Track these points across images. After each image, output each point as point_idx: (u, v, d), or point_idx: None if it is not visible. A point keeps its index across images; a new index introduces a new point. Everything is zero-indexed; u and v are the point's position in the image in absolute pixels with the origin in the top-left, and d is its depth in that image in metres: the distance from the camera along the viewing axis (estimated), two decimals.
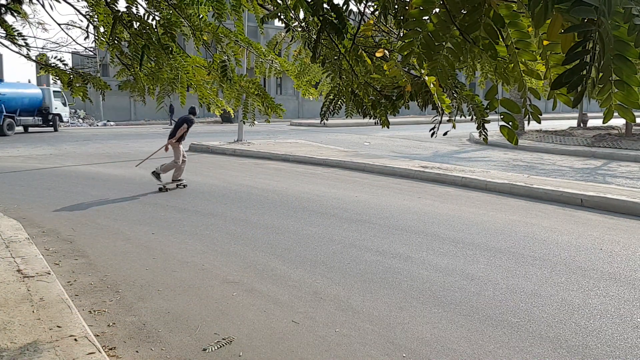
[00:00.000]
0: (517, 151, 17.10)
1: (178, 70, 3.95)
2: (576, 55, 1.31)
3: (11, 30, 4.54)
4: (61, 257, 5.72)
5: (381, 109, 2.94)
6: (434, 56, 1.61)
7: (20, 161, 14.00)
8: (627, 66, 1.33)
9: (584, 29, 1.30)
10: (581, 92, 1.33)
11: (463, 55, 1.62)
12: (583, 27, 1.30)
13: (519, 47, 1.66)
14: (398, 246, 6.14)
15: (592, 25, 1.28)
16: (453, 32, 1.57)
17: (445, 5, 1.48)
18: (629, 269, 5.37)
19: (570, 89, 1.31)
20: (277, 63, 4.08)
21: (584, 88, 1.31)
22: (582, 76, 1.30)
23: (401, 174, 11.84)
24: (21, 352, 3.27)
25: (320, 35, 2.62)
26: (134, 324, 4.08)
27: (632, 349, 3.71)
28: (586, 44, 1.30)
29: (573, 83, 1.31)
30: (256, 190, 9.83)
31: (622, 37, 1.32)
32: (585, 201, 8.55)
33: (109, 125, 33.68)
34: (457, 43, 1.56)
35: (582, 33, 1.31)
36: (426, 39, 1.59)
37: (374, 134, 23.72)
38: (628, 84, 1.33)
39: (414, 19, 1.59)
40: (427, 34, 1.58)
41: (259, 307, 4.41)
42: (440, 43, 1.59)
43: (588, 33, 1.29)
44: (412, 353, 3.65)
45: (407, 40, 1.64)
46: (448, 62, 1.62)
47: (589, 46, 1.28)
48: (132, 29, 3.63)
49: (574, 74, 1.29)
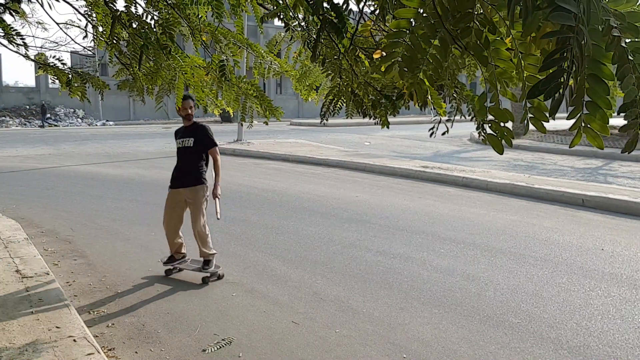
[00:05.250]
0: (518, 151, 17.07)
1: (176, 70, 3.93)
2: (553, 62, 1.28)
3: (9, 30, 4.52)
4: (60, 257, 5.71)
5: (381, 109, 2.92)
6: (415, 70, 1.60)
7: (18, 161, 13.98)
8: (600, 87, 1.30)
9: (563, 35, 1.28)
10: (558, 101, 1.30)
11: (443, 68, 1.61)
12: (562, 34, 1.28)
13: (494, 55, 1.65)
14: (398, 246, 6.13)
15: (571, 32, 1.26)
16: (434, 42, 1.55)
17: (437, 11, 1.47)
18: (631, 270, 5.36)
19: (546, 96, 1.29)
20: (277, 64, 4.06)
21: (561, 96, 1.28)
22: (560, 83, 1.28)
23: (402, 174, 11.82)
24: (20, 353, 3.25)
25: (320, 34, 2.61)
26: (133, 324, 4.07)
27: (633, 349, 3.70)
28: (564, 52, 1.28)
29: (550, 90, 1.29)
30: (256, 190, 9.81)
31: (596, 57, 1.29)
32: (587, 201, 8.54)
33: (107, 125, 33.67)
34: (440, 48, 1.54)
35: (561, 40, 1.28)
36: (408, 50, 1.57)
37: (375, 134, 23.70)
38: (599, 107, 1.31)
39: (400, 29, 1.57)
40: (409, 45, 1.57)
41: (259, 308, 4.39)
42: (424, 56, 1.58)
43: (566, 40, 1.27)
44: (412, 354, 3.63)
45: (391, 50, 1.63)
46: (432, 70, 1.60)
47: (567, 54, 1.26)
48: (131, 29, 3.61)
49: (550, 81, 1.26)
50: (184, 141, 5.04)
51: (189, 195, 5.03)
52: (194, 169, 5.02)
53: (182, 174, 5.05)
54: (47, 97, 34.61)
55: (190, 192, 5.04)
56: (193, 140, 5.00)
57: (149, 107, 26.73)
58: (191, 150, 5.01)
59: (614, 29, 1.28)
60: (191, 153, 5.02)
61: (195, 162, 5.03)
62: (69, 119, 34.09)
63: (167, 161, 14.68)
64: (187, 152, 5.02)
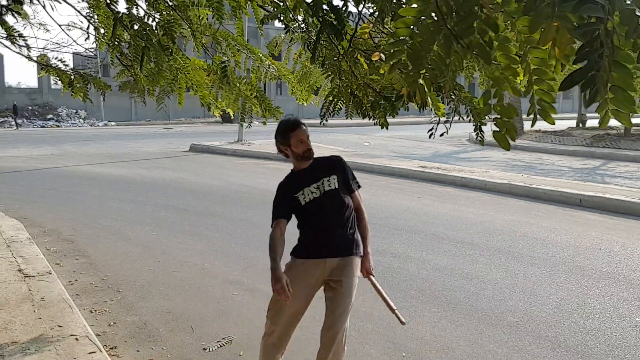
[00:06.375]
0: (516, 151, 17.10)
1: (177, 71, 3.96)
2: (586, 54, 1.33)
3: (12, 31, 4.56)
4: (62, 256, 5.74)
5: (380, 110, 2.95)
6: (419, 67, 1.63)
7: (21, 161, 14.02)
8: (623, 72, 1.34)
9: (592, 28, 1.32)
10: (595, 91, 1.34)
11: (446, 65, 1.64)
12: (590, 27, 1.32)
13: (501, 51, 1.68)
14: (397, 246, 6.16)
15: (601, 23, 1.29)
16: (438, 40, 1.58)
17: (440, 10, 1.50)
18: (628, 269, 5.39)
19: (583, 87, 1.33)
20: (274, 68, 4.10)
21: (596, 87, 1.33)
22: (594, 75, 1.32)
23: (401, 174, 11.86)
24: (22, 352, 3.29)
25: (319, 36, 2.65)
26: (135, 323, 4.10)
27: (630, 348, 3.73)
28: (593, 44, 1.32)
29: (586, 82, 1.33)
30: (256, 190, 9.85)
31: (617, 44, 1.33)
32: (584, 201, 8.57)
33: (109, 125, 33.71)
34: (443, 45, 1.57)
35: (589, 32, 1.32)
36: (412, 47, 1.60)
37: (374, 134, 23.72)
38: (624, 89, 1.35)
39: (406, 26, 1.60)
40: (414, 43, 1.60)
41: (259, 307, 4.42)
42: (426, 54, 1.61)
43: (595, 32, 1.31)
44: (411, 352, 3.67)
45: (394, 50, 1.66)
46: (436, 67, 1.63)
47: (597, 45, 1.30)
48: (132, 30, 3.65)
49: (585, 73, 1.30)
50: (319, 186, 3.02)
51: (336, 272, 3.00)
52: (347, 227, 3.03)
53: (329, 237, 3.02)
54: (49, 97, 34.69)
55: (342, 265, 3.00)
56: (336, 179, 3.06)
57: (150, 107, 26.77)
58: (336, 195, 3.02)
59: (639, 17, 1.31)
60: (337, 200, 3.02)
61: (346, 216, 3.03)
62: (71, 120, 34.15)
63: (169, 161, 14.74)
64: (330, 200, 3.01)
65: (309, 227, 3.10)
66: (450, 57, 1.64)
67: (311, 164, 3.09)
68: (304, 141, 2.98)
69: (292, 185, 3.09)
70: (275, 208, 3.06)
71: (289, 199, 3.05)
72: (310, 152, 3.04)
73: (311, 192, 3.03)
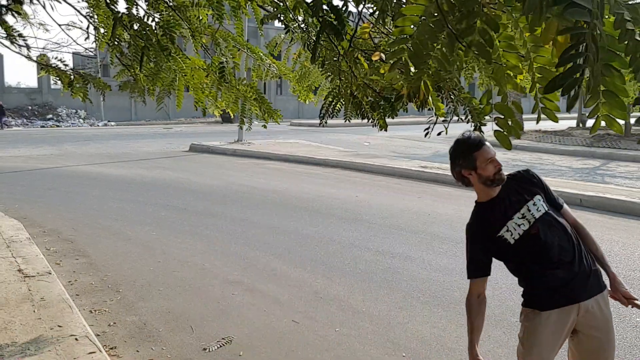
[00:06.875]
0: (516, 151, 17.09)
1: (176, 72, 3.96)
2: (570, 57, 1.32)
3: (11, 31, 4.56)
4: (62, 256, 5.74)
5: (380, 110, 2.95)
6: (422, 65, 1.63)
7: (21, 161, 14.02)
8: (615, 76, 1.34)
9: (577, 32, 1.31)
10: (575, 95, 1.34)
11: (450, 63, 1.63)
12: (576, 30, 1.32)
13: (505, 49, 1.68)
14: (398, 246, 6.16)
15: (586, 28, 1.29)
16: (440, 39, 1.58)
17: (440, 10, 1.50)
18: (628, 269, 5.39)
19: (564, 92, 1.33)
20: (275, 67, 4.10)
21: (578, 91, 1.32)
22: (576, 79, 1.31)
23: (401, 174, 11.86)
24: (22, 352, 3.29)
25: (319, 36, 2.64)
26: (135, 323, 4.10)
27: (631, 348, 3.73)
28: (579, 47, 1.32)
29: (567, 85, 1.32)
30: (256, 190, 9.85)
31: (610, 47, 1.33)
32: (585, 201, 8.57)
33: (109, 125, 33.72)
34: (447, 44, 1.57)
35: (575, 36, 1.32)
36: (415, 47, 1.60)
37: (374, 134, 23.72)
38: (616, 94, 1.34)
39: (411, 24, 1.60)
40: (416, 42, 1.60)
41: (259, 307, 4.43)
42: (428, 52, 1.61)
43: (581, 36, 1.30)
44: (411, 352, 3.67)
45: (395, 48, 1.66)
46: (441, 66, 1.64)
47: (582, 49, 1.30)
48: (132, 30, 3.65)
49: (567, 77, 1.30)
50: (524, 215, 2.34)
51: (591, 316, 2.36)
52: (582, 256, 2.37)
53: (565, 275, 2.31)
54: (49, 97, 34.67)
55: (595, 307, 2.37)
56: (541, 199, 2.39)
57: (150, 107, 26.74)
58: (552, 220, 2.35)
59: (628, 22, 1.31)
60: (556, 226, 2.34)
61: (573, 241, 2.35)
62: (71, 120, 34.16)
63: (169, 161, 14.74)
64: (548, 228, 2.32)
65: (534, 271, 2.36)
66: (454, 56, 1.64)
67: (507, 185, 2.46)
68: (494, 160, 2.38)
69: (486, 223, 2.44)
70: (470, 263, 2.40)
71: (488, 244, 2.38)
72: (502, 173, 2.42)
73: (517, 225, 2.33)
